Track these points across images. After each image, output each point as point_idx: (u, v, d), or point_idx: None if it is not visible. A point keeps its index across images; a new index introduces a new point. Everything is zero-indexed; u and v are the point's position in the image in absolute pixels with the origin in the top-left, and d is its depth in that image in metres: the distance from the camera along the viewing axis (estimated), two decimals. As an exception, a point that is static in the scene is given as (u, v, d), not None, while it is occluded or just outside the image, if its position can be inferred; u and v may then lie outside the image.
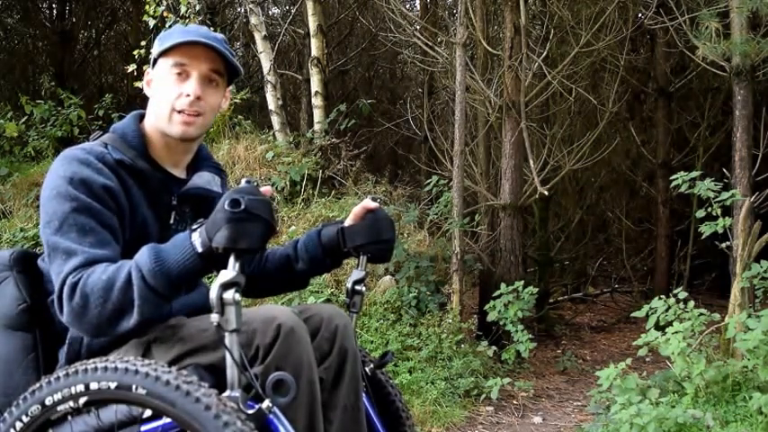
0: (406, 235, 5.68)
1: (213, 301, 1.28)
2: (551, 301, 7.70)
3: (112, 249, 1.47)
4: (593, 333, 7.24)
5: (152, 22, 6.26)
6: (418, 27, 7.76)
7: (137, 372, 1.27)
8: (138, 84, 6.46)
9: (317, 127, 6.75)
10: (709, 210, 3.89)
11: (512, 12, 5.96)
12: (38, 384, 1.35)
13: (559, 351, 6.19)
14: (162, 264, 1.37)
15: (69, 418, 1.35)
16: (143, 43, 6.43)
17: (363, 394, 1.67)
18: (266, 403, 1.32)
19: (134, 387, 1.27)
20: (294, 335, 1.45)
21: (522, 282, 5.03)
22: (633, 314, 3.98)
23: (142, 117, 1.67)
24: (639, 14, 7.59)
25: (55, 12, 12.52)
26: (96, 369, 1.30)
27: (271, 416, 1.34)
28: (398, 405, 1.80)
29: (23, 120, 7.48)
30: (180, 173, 1.68)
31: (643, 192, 9.33)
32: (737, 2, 4.54)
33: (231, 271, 1.30)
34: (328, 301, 4.84)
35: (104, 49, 13.34)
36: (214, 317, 1.29)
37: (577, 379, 5.27)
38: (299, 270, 1.83)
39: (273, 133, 6.84)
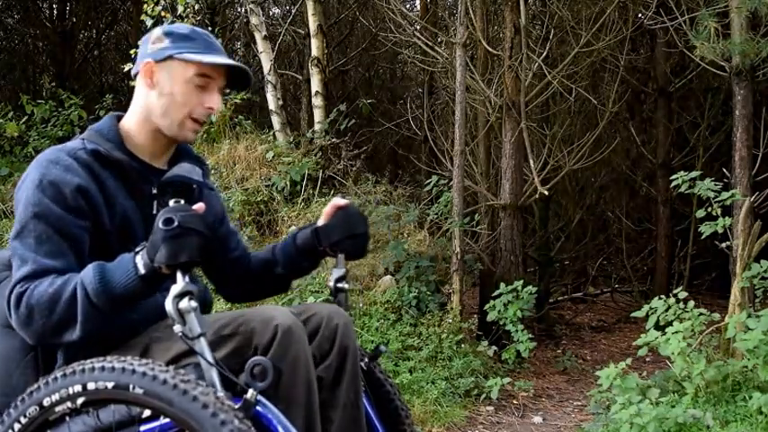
0: (406, 235, 5.69)
1: (171, 314, 1.33)
2: (551, 300, 7.70)
3: (65, 260, 1.48)
4: (593, 333, 7.24)
5: (150, 22, 6.25)
6: (418, 27, 7.76)
7: (134, 371, 1.28)
8: (134, 83, 6.44)
9: (317, 127, 6.75)
10: (709, 210, 3.89)
11: (512, 12, 5.97)
12: (36, 385, 1.35)
13: (559, 351, 6.19)
14: (105, 284, 1.40)
15: (67, 419, 1.36)
16: (140, 42, 6.43)
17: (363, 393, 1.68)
18: (250, 393, 1.34)
19: (131, 386, 1.27)
20: (292, 335, 1.46)
21: (522, 281, 5.03)
22: (633, 314, 3.99)
23: (119, 118, 1.69)
24: (639, 14, 7.59)
25: (55, 12, 12.52)
26: (93, 369, 1.31)
27: (259, 407, 1.36)
28: (397, 404, 1.80)
29: (24, 120, 7.48)
30: (161, 165, 1.70)
31: (643, 192, 9.34)
32: (737, 2, 4.55)
33: (181, 282, 1.34)
34: (328, 300, 4.84)
35: (105, 49, 13.36)
36: (177, 328, 1.33)
37: (577, 379, 5.28)
38: (278, 274, 1.87)
39: (274, 133, 6.84)
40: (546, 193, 5.80)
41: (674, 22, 5.63)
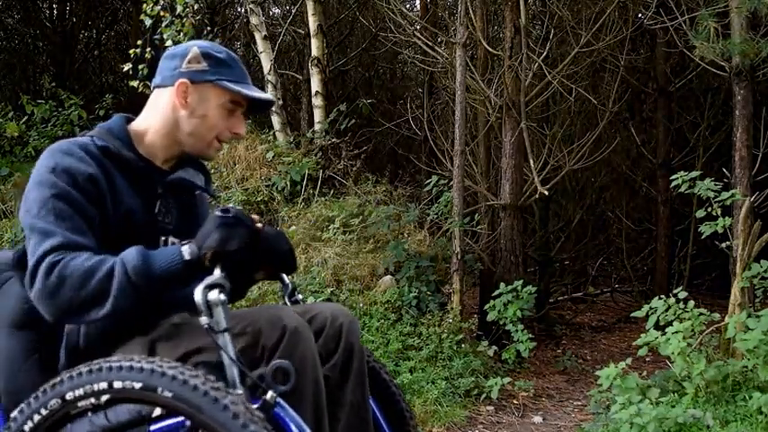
0: (406, 235, 5.69)
1: (199, 303, 1.35)
2: (551, 300, 7.70)
3: (89, 239, 1.49)
4: (593, 333, 7.24)
5: (148, 22, 6.25)
6: (418, 27, 7.76)
7: (163, 374, 1.27)
8: (133, 83, 6.43)
9: (317, 127, 6.75)
10: (710, 210, 3.90)
11: (512, 12, 5.97)
12: (59, 378, 1.34)
13: (559, 351, 6.19)
14: (147, 263, 1.42)
15: (89, 414, 1.35)
16: (139, 42, 6.41)
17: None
18: (270, 394, 1.35)
19: (160, 389, 1.27)
20: (299, 335, 1.48)
21: (522, 281, 5.03)
22: (633, 314, 3.99)
23: (128, 120, 1.72)
24: (639, 14, 7.59)
25: (55, 12, 12.52)
26: (121, 368, 1.30)
27: (276, 408, 1.36)
28: (402, 406, 1.81)
29: (24, 120, 7.48)
30: (167, 168, 1.73)
31: (643, 192, 9.34)
32: (737, 2, 4.55)
33: (216, 274, 1.39)
34: (329, 300, 4.84)
35: (105, 49, 13.36)
36: (203, 319, 1.34)
37: (577, 379, 5.28)
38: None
39: (274, 133, 6.84)
40: (546, 193, 5.80)
41: (673, 22, 5.63)
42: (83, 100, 7.93)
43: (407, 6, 10.54)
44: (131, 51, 6.41)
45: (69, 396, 1.32)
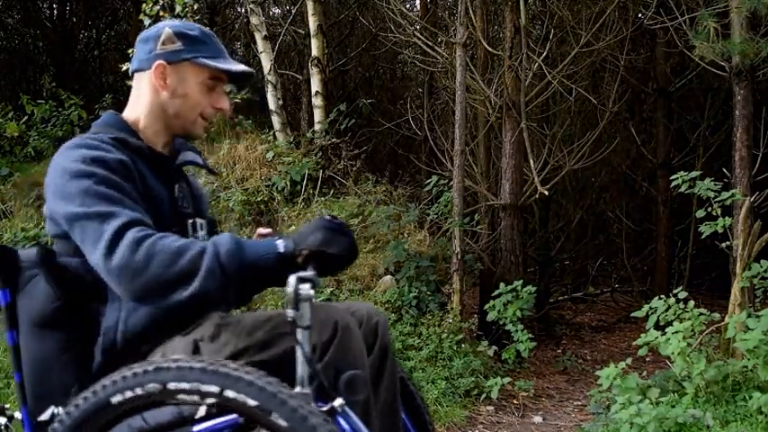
0: (406, 235, 5.69)
1: (290, 294, 1.31)
2: (551, 300, 7.71)
3: (146, 216, 1.45)
4: (593, 333, 7.24)
5: (147, 21, 6.24)
6: (418, 27, 7.76)
7: (284, 402, 1.21)
8: (131, 82, 6.42)
9: (317, 127, 6.75)
10: (710, 210, 3.90)
11: (512, 12, 5.97)
12: (164, 364, 1.26)
13: (560, 351, 6.19)
14: (240, 248, 1.38)
15: (180, 408, 1.32)
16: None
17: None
18: (338, 402, 1.34)
19: (274, 414, 1.21)
20: (351, 332, 1.48)
21: (522, 281, 5.03)
22: (633, 314, 3.99)
23: (117, 114, 1.71)
24: (639, 14, 7.60)
25: (55, 12, 12.53)
26: (239, 379, 1.23)
27: (340, 415, 1.35)
28: (426, 418, 1.83)
29: (24, 120, 7.48)
30: (167, 153, 1.73)
31: (643, 192, 9.34)
32: (737, 2, 4.55)
33: (310, 270, 1.36)
34: (329, 299, 4.84)
35: (105, 49, 13.35)
36: (289, 312, 1.31)
37: (578, 378, 5.28)
38: None
39: (274, 133, 6.84)
40: (546, 193, 5.80)
41: (673, 22, 5.63)
42: (83, 100, 7.93)
43: (407, 6, 10.54)
44: (130, 51, 6.40)
45: (172, 386, 1.25)
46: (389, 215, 5.57)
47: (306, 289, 1.31)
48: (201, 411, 1.33)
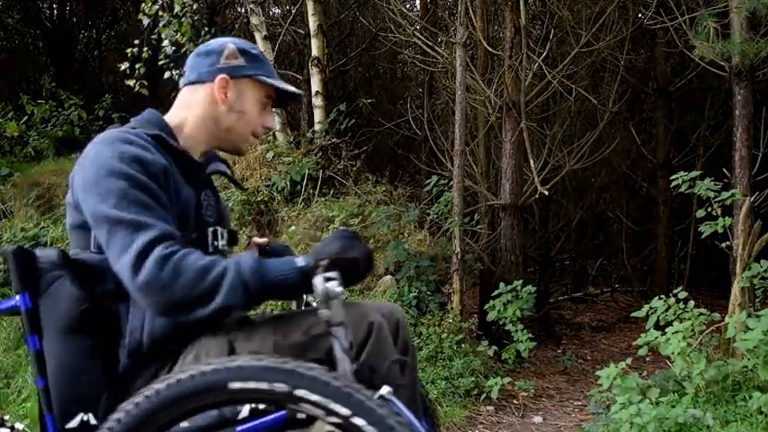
0: (406, 235, 5.69)
1: (319, 292, 1.34)
2: (551, 300, 7.70)
3: (175, 228, 1.46)
4: (593, 333, 7.24)
5: (146, 21, 6.24)
6: (418, 27, 7.76)
7: (391, 428, 1.16)
8: (129, 82, 6.41)
9: (317, 127, 6.75)
10: (710, 209, 3.90)
11: (512, 12, 5.97)
12: (291, 366, 1.19)
13: (560, 351, 6.19)
14: (262, 266, 1.42)
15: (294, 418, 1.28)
16: (136, 42, 6.40)
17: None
18: (386, 389, 1.34)
19: (359, 420, 1.16)
20: (384, 331, 1.51)
21: (522, 281, 5.03)
22: (633, 314, 3.99)
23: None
24: (639, 14, 7.59)
25: (55, 12, 12.52)
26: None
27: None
28: (435, 420, 1.87)
29: (24, 120, 7.49)
30: (199, 160, 1.75)
31: (643, 192, 9.34)
32: (737, 2, 4.55)
33: (334, 273, 1.38)
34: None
35: (105, 49, 13.35)
36: (323, 312, 1.33)
37: (578, 378, 5.28)
38: None
39: (274, 133, 6.84)
40: (546, 192, 5.80)
41: (673, 22, 5.63)
42: (83, 100, 7.93)
43: (407, 6, 10.54)
44: (128, 51, 6.40)
45: (300, 393, 1.17)
46: (389, 215, 5.57)
47: (334, 286, 1.34)
48: (245, 411, 1.33)
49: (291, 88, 1.73)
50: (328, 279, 1.35)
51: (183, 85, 1.71)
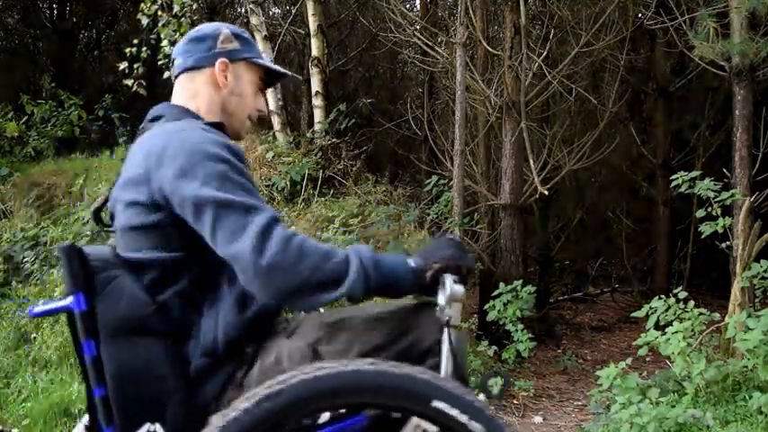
0: (406, 235, 5.68)
1: (448, 293, 1.36)
2: (551, 300, 7.70)
3: None
4: (593, 333, 7.24)
5: (145, 21, 6.24)
6: (418, 27, 7.76)
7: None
8: (127, 81, 6.40)
9: (317, 127, 6.75)
10: (710, 209, 3.90)
11: (512, 12, 5.97)
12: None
13: (560, 351, 6.19)
14: (379, 258, 1.39)
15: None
16: (135, 41, 6.40)
17: None
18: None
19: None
20: (462, 334, 1.54)
21: (522, 281, 5.03)
22: (633, 314, 3.99)
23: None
24: (639, 14, 7.60)
25: (55, 12, 12.52)
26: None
27: None
28: None
29: (24, 120, 7.49)
30: None
31: (643, 192, 9.33)
32: (737, 2, 4.55)
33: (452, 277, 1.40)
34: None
35: (105, 49, 13.35)
36: (448, 312, 1.35)
37: (578, 378, 5.28)
38: None
39: (274, 133, 6.84)
40: (546, 192, 5.81)
41: (673, 22, 5.63)
42: (83, 100, 7.93)
43: (407, 6, 10.54)
44: (127, 50, 6.40)
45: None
46: (389, 215, 5.57)
47: (460, 289, 1.36)
48: (325, 416, 1.29)
49: (281, 69, 1.74)
50: (456, 282, 1.38)
51: (179, 71, 1.65)
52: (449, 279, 1.37)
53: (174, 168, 1.38)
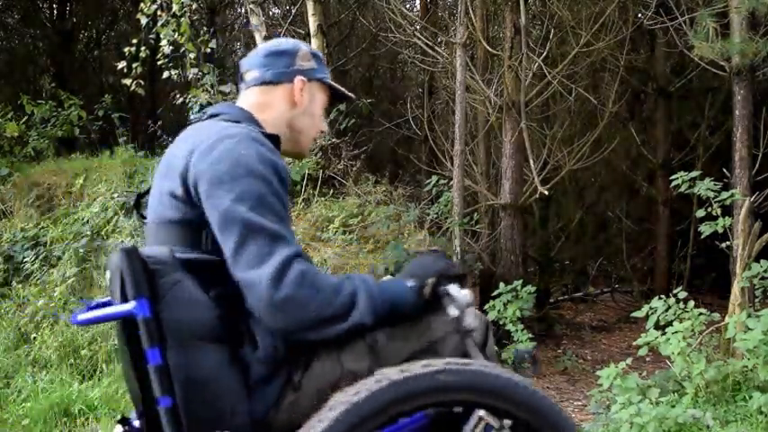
0: (406, 235, 5.68)
1: (461, 302, 1.47)
2: (551, 300, 7.70)
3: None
4: (593, 333, 7.24)
5: (144, 20, 6.23)
6: (418, 27, 7.76)
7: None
8: (126, 81, 6.39)
9: (317, 127, 6.73)
10: (709, 210, 3.90)
11: (512, 12, 5.97)
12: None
13: (560, 351, 6.19)
14: (382, 285, 1.46)
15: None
16: (134, 41, 6.39)
17: None
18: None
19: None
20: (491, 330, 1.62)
21: (522, 281, 5.03)
22: (633, 314, 3.99)
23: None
24: (639, 14, 7.59)
25: (55, 12, 12.51)
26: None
27: None
28: None
29: (24, 120, 7.48)
30: None
31: (643, 192, 9.33)
32: (736, 2, 4.55)
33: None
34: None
35: (105, 49, 13.34)
36: (468, 320, 1.47)
37: (578, 378, 5.27)
38: None
39: (274, 133, 6.82)
40: (546, 192, 5.80)
41: (673, 22, 5.63)
42: (83, 100, 7.92)
43: (407, 6, 10.54)
44: (126, 50, 6.39)
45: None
46: (389, 215, 5.57)
47: (467, 294, 1.49)
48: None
49: (348, 93, 1.77)
50: (464, 288, 1.49)
51: (255, 83, 1.63)
52: (453, 288, 1.44)
53: (214, 173, 1.37)
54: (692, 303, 3.67)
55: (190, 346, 1.31)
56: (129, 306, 1.29)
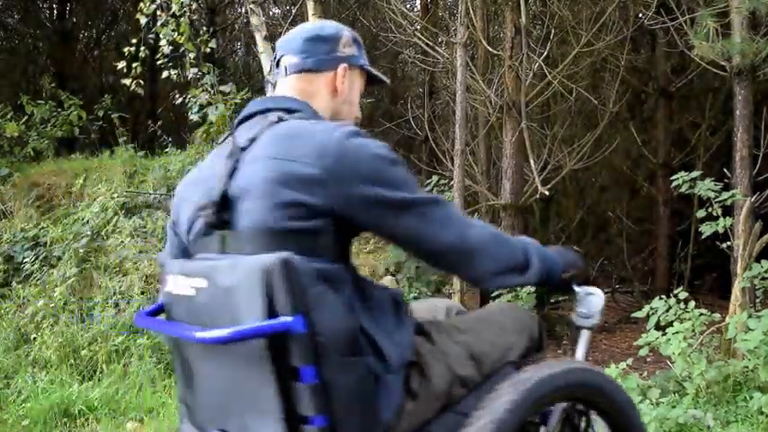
0: (406, 235, 5.68)
1: (594, 307, 1.73)
2: (552, 300, 7.69)
3: None
4: (593, 333, 7.23)
5: (144, 20, 6.22)
6: (419, 27, 7.76)
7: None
8: (125, 80, 6.38)
9: (317, 127, 6.73)
10: (710, 210, 3.89)
11: (512, 12, 5.97)
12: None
13: (560, 351, 6.18)
14: (543, 251, 1.55)
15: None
16: (134, 41, 6.38)
17: None
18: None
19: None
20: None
21: (522, 281, 5.02)
22: (634, 314, 3.99)
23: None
24: (640, 14, 7.59)
25: (55, 12, 12.53)
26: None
27: None
28: None
29: (24, 120, 7.48)
30: None
31: (643, 192, 9.33)
32: (737, 2, 4.54)
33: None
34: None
35: (105, 49, 13.35)
36: (595, 319, 1.73)
37: (578, 379, 5.26)
38: None
39: (274, 133, 6.81)
40: (546, 193, 5.80)
41: (674, 22, 5.63)
42: (83, 100, 7.92)
43: (408, 6, 10.54)
44: (125, 50, 6.38)
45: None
46: (389, 215, 5.56)
47: (601, 297, 1.74)
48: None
49: (384, 77, 1.71)
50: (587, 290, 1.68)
51: (295, 71, 1.59)
52: (592, 289, 1.67)
53: (369, 174, 1.31)
54: (692, 304, 3.67)
55: (341, 360, 1.24)
56: (285, 321, 1.18)
